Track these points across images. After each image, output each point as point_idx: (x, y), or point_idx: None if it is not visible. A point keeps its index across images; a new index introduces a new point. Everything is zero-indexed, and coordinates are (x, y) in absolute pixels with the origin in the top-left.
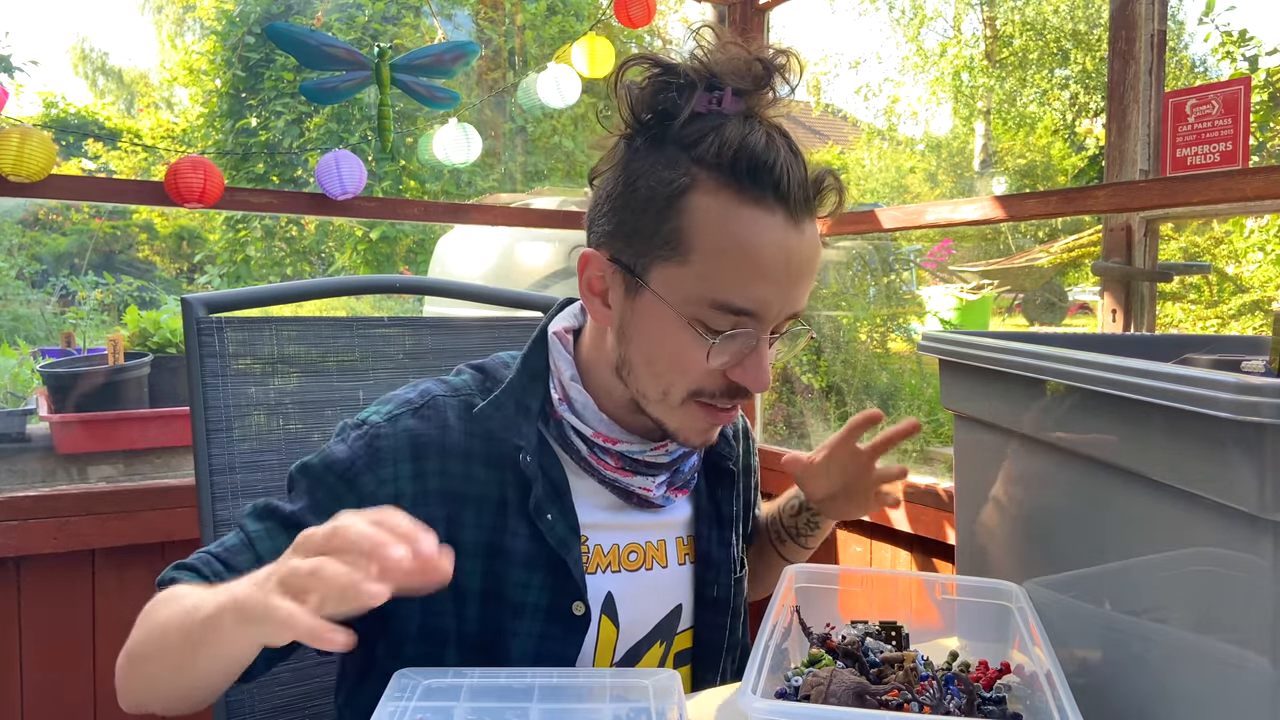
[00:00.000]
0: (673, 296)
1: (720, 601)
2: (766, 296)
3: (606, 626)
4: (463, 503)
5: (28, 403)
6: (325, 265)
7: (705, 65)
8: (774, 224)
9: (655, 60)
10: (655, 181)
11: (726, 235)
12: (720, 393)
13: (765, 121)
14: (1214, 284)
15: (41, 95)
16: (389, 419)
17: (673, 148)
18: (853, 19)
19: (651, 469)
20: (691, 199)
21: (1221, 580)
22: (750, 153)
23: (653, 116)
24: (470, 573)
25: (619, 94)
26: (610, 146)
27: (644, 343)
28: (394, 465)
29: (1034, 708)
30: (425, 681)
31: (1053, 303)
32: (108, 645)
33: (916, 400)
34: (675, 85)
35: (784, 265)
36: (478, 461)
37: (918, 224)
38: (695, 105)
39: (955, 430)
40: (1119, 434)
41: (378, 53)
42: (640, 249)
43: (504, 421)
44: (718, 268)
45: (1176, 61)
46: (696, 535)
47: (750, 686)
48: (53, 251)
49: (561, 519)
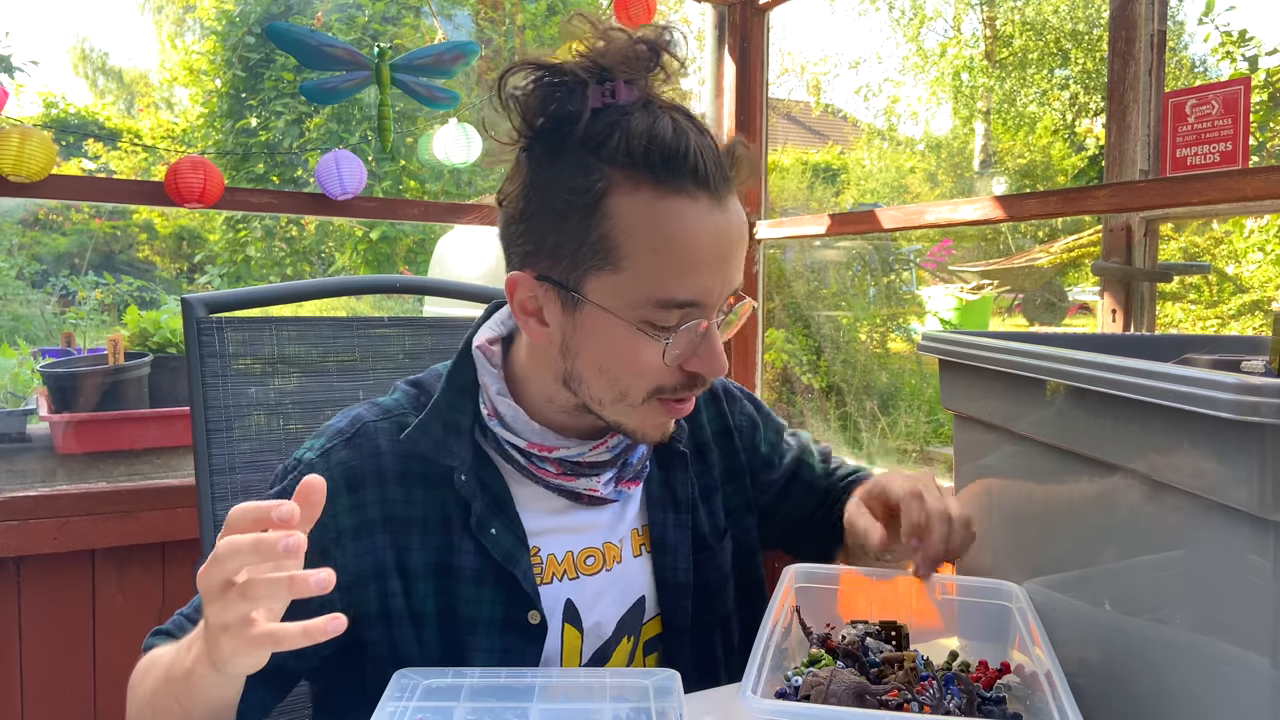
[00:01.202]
0: (615, 305)
1: (681, 585)
2: (708, 283)
3: (570, 632)
4: (407, 527)
5: (28, 403)
6: (325, 265)
7: (591, 60)
8: (699, 209)
9: (539, 64)
10: (568, 191)
11: (656, 233)
12: (680, 386)
13: (664, 104)
14: (1214, 284)
15: (41, 95)
16: (321, 454)
17: (578, 151)
18: (853, 19)
19: (594, 468)
20: (611, 203)
21: (1221, 580)
22: (661, 143)
23: (547, 122)
24: (424, 595)
25: (506, 104)
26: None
27: (593, 354)
28: (330, 503)
29: (1034, 708)
30: (425, 681)
31: (1053, 303)
32: (108, 645)
33: (916, 400)
34: (565, 86)
35: (717, 248)
36: (416, 483)
37: (918, 224)
38: (591, 103)
39: (955, 430)
40: (1119, 434)
41: (378, 53)
42: (570, 263)
43: (432, 445)
44: (654, 267)
45: (1176, 61)
46: (650, 522)
47: (750, 686)
48: (53, 251)
49: (507, 531)
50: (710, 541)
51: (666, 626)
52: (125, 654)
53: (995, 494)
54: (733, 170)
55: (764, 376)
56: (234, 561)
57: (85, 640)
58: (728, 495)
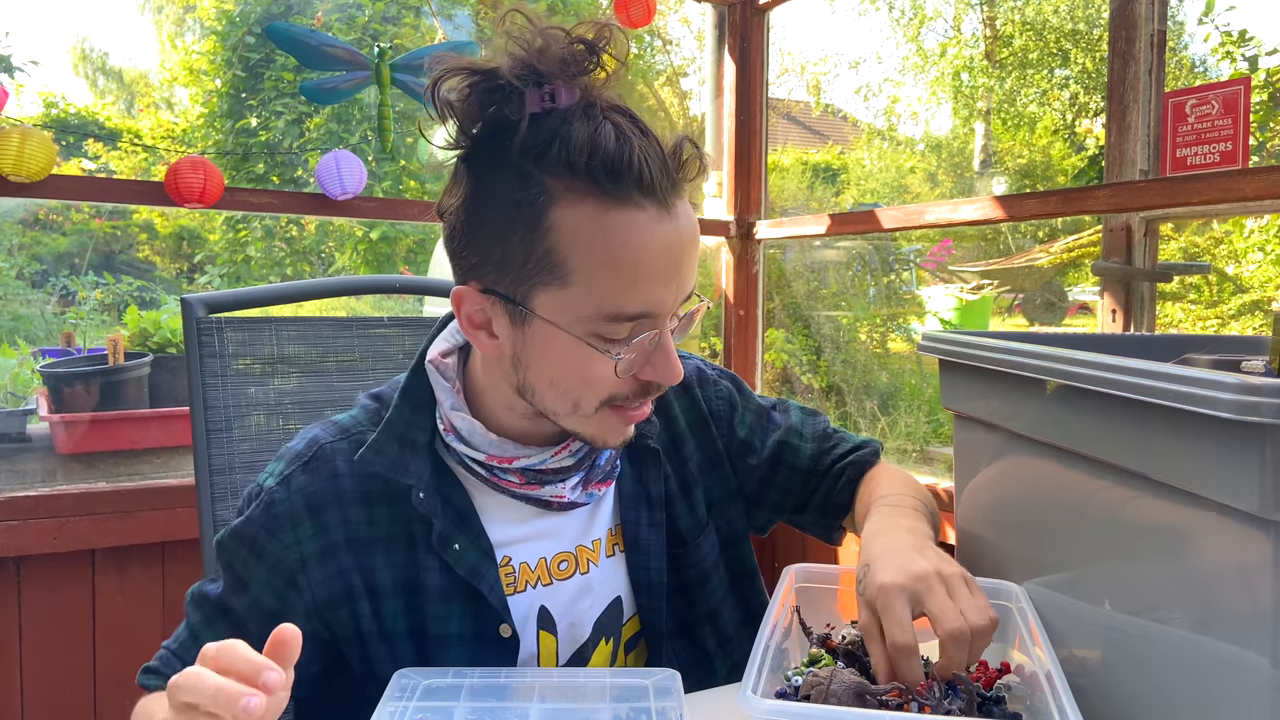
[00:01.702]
0: (563, 320)
1: (655, 586)
2: (659, 295)
3: (545, 638)
4: (371, 547)
5: (28, 403)
6: (325, 265)
7: (526, 62)
8: (646, 220)
9: (473, 68)
10: (510, 205)
11: (603, 247)
12: (633, 394)
13: (606, 107)
14: (1214, 284)
15: (42, 95)
16: (281, 481)
17: (518, 161)
18: (853, 19)
19: (559, 474)
20: (555, 215)
21: (1221, 580)
22: (604, 153)
23: (484, 128)
24: (393, 614)
25: (441, 111)
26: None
27: (543, 367)
28: (293, 529)
29: (1034, 708)
30: (425, 682)
31: (1053, 303)
32: (108, 645)
33: (916, 400)
34: (501, 91)
35: (669, 258)
36: (378, 502)
37: (918, 224)
38: (529, 108)
39: (955, 430)
40: (1119, 434)
41: (378, 53)
42: (516, 277)
43: (388, 464)
44: (603, 281)
45: (1176, 61)
46: (623, 521)
47: (750, 686)
48: (53, 251)
49: (471, 546)
50: (688, 537)
51: (644, 626)
52: (125, 654)
53: (995, 494)
54: (680, 172)
55: (764, 376)
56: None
57: (85, 640)
58: (708, 487)
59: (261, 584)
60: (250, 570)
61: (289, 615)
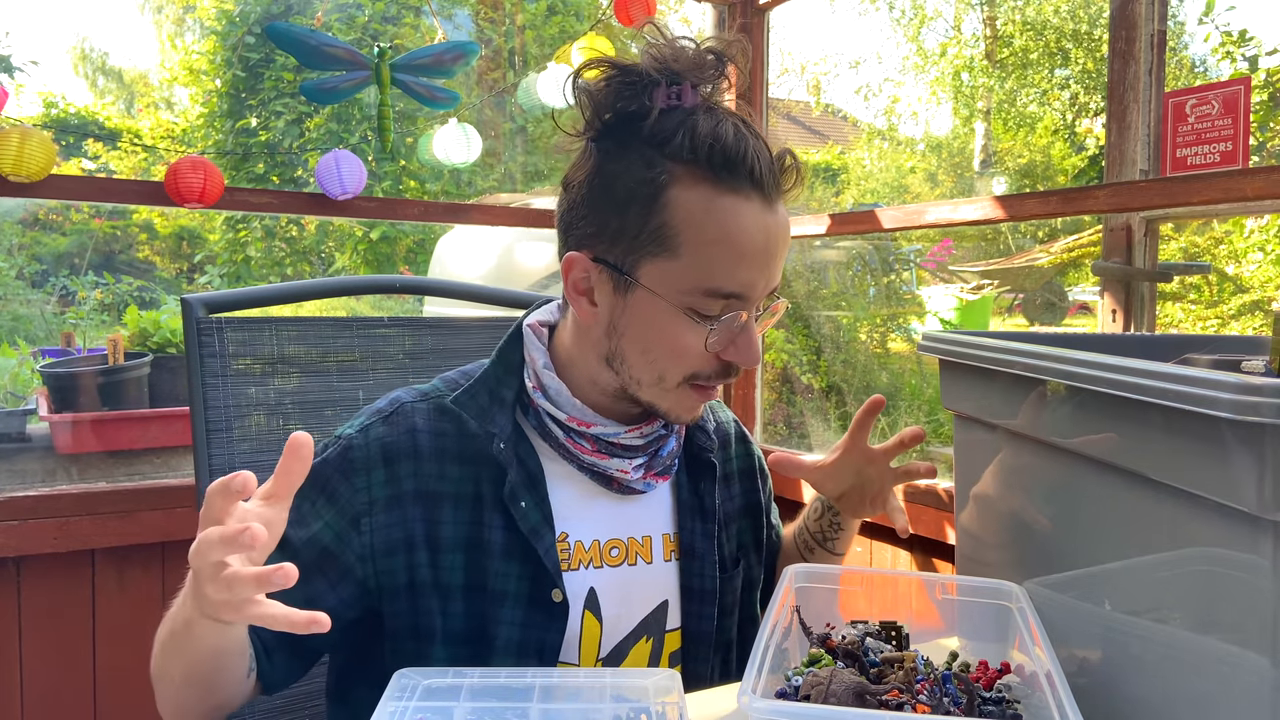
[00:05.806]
0: (665, 290)
1: (707, 593)
2: (752, 278)
3: (590, 621)
4: (439, 501)
5: (28, 403)
6: (325, 265)
7: (663, 63)
8: (752, 209)
9: (613, 63)
10: (633, 181)
11: (712, 226)
12: (714, 374)
13: (725, 111)
14: (1214, 284)
15: (41, 95)
16: (360, 430)
17: (644, 146)
18: (853, 19)
19: (627, 451)
20: (672, 194)
21: (1221, 580)
22: (723, 145)
23: (614, 117)
24: (452, 568)
25: (579, 98)
26: (577, 150)
27: (639, 335)
28: (367, 474)
29: (1034, 708)
30: (425, 681)
31: (1053, 303)
32: (108, 645)
33: (916, 400)
34: (636, 85)
35: (765, 246)
36: (451, 460)
37: (918, 224)
38: (658, 102)
39: (955, 430)
40: (1119, 434)
41: (378, 53)
42: (627, 247)
43: (477, 410)
44: (707, 258)
45: (1176, 61)
46: (680, 529)
47: (750, 686)
48: (53, 251)
49: (536, 508)
50: (728, 565)
51: (687, 634)
52: (125, 654)
53: (995, 494)
54: (783, 176)
55: (764, 376)
56: (213, 555)
57: (85, 640)
58: (742, 529)
59: (324, 522)
60: (316, 507)
61: (343, 556)
